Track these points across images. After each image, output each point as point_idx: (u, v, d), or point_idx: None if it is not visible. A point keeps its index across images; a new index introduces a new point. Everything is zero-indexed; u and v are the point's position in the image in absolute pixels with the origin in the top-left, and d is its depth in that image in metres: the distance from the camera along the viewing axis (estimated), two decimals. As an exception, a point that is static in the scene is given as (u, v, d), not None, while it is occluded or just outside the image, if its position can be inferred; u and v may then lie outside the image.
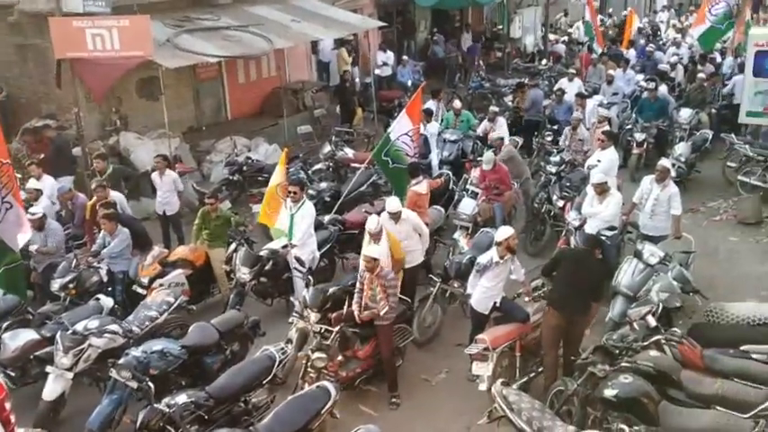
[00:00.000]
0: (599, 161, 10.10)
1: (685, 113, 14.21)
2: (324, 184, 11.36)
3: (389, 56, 19.48)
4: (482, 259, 7.48)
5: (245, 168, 12.86)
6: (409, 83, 19.65)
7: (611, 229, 8.96)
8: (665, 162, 9.20)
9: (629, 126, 14.09)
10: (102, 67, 11.61)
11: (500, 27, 23.20)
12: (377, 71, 18.92)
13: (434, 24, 23.09)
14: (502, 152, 11.31)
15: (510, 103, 16.12)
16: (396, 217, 8.26)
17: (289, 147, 15.24)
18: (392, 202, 8.38)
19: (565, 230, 9.87)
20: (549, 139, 13.38)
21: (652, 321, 6.95)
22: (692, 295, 7.92)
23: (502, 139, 11.83)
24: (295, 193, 8.71)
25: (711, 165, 13.58)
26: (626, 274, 8.24)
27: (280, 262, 8.94)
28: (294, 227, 8.75)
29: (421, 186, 9.35)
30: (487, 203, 10.28)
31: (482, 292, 7.45)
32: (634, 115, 14.36)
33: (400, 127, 9.96)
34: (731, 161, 12.76)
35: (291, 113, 16.66)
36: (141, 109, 14.66)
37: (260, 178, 12.83)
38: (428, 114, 12.93)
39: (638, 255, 8.37)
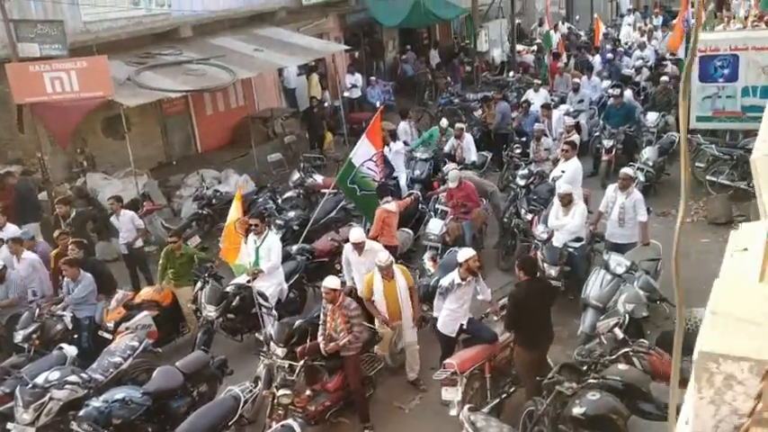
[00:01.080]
0: (563, 172, 10.08)
1: (652, 117, 14.25)
2: (292, 213, 11.28)
3: (358, 78, 19.50)
4: (444, 281, 7.41)
5: (214, 201, 12.77)
6: (378, 103, 19.79)
7: (578, 240, 8.92)
8: (627, 170, 9.19)
9: (597, 133, 14.11)
10: (62, 110, 11.53)
11: (467, 41, 23.29)
12: (345, 93, 18.93)
13: (403, 43, 23.17)
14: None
15: (479, 117, 16.12)
16: (359, 248, 8.17)
17: (260, 177, 15.46)
18: (355, 233, 8.30)
19: (533, 244, 9.84)
20: (518, 151, 13.39)
21: (619, 334, 6.88)
22: (660, 303, 7.86)
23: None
24: (256, 225, 8.62)
25: (680, 166, 13.58)
26: (594, 285, 8.19)
27: (246, 297, 8.81)
28: (260, 261, 8.65)
29: (390, 204, 9.31)
30: (456, 222, 10.22)
31: (447, 314, 7.36)
32: (601, 122, 14.40)
33: (363, 152, 9.90)
34: (699, 161, 12.77)
35: (262, 142, 16.66)
36: (108, 148, 14.57)
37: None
38: (391, 135, 12.87)
39: (605, 265, 8.32)
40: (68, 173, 13.74)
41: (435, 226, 10.02)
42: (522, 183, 11.81)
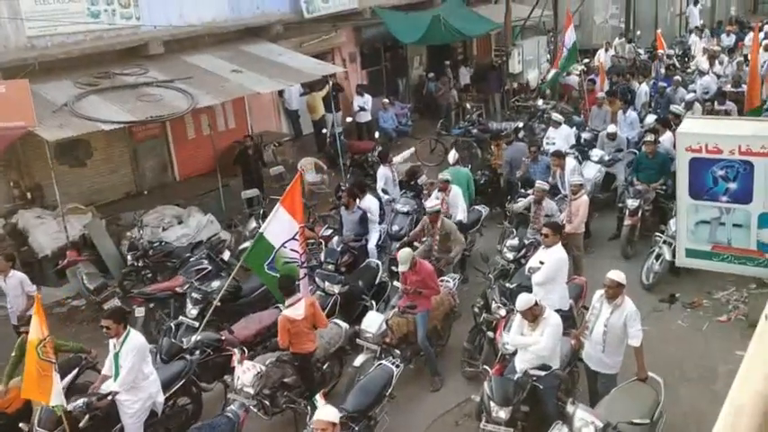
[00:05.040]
0: (541, 263, 7.66)
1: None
2: (216, 283, 9.19)
3: (367, 99, 17.33)
4: None
5: (150, 253, 10.90)
6: (392, 129, 17.61)
7: (544, 368, 6.54)
8: (615, 274, 6.71)
9: (622, 190, 11.53)
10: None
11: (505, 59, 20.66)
12: (348, 119, 16.82)
13: (432, 59, 20.83)
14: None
15: (490, 157, 13.71)
16: None
17: (233, 216, 13.54)
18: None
19: (499, 355, 7.51)
20: (521, 204, 11.00)
21: None
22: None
23: (438, 212, 9.57)
24: (108, 328, 6.62)
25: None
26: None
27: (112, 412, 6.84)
28: (119, 370, 6.66)
29: (296, 309, 7.14)
30: (401, 317, 7.96)
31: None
32: (629, 175, 11.78)
33: (282, 229, 7.72)
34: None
35: (255, 168, 14.68)
36: (63, 178, 12.90)
37: (168, 264, 10.88)
38: (362, 189, 10.70)
39: (566, 420, 5.93)
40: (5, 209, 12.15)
41: (373, 322, 7.77)
42: (510, 256, 9.52)
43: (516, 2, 22.92)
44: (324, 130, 16.21)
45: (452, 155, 12.30)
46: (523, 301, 6.60)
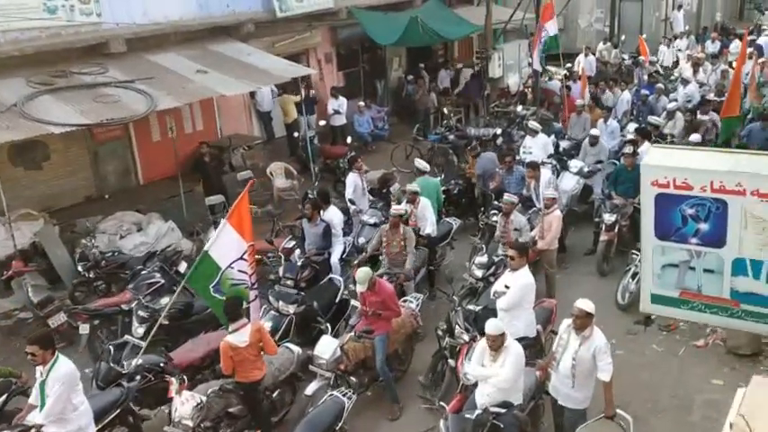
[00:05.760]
0: (507, 287, 7.16)
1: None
2: (165, 300, 8.61)
3: (342, 102, 16.80)
4: None
5: (103, 263, 10.31)
6: (368, 133, 17.09)
7: (505, 404, 6.04)
8: (583, 303, 6.21)
9: (598, 203, 11.08)
10: None
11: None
12: (322, 122, 16.27)
13: (412, 61, 20.30)
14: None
15: (464, 166, 13.21)
16: None
17: (194, 224, 12.95)
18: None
19: (461, 385, 7.01)
20: (495, 219, 10.50)
21: None
22: None
23: (400, 216, 9.12)
24: (34, 355, 6.06)
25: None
26: None
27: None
28: (46, 399, 6.11)
29: (240, 335, 6.60)
30: (358, 342, 7.44)
31: None
32: (606, 188, 11.33)
33: (229, 248, 7.14)
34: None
35: (215, 175, 14.11)
36: (17, 181, 12.30)
37: (122, 275, 10.30)
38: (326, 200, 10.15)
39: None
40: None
41: (326, 347, 7.23)
42: (478, 274, 9.03)
43: (500, 4, 22.52)
44: (296, 134, 15.64)
45: (420, 163, 11.74)
46: (493, 326, 6.09)
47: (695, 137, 12.32)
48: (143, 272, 9.52)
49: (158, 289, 9.24)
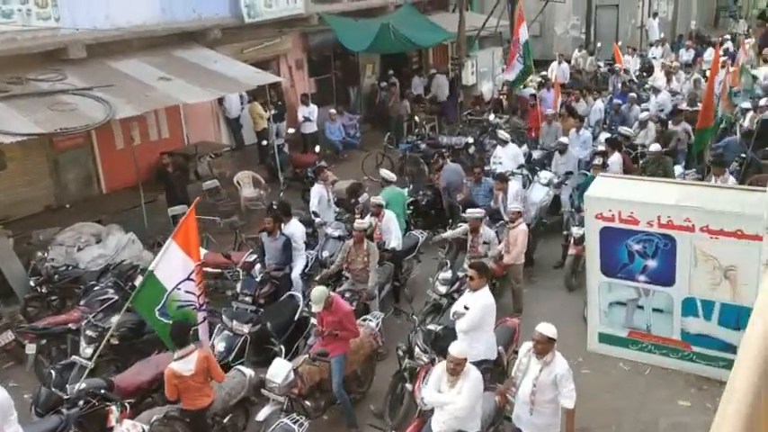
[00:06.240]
0: (466, 308, 6.91)
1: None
2: (115, 318, 8.24)
3: (312, 109, 16.52)
4: None
5: (56, 278, 9.93)
6: (339, 140, 16.82)
7: (461, 434, 5.79)
8: (545, 328, 5.97)
9: (567, 216, 10.88)
10: None
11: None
12: (291, 130, 15.96)
13: (386, 67, 20.05)
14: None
15: (434, 176, 12.95)
16: None
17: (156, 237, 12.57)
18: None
19: (418, 410, 6.74)
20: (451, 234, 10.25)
21: None
22: None
23: (364, 229, 8.87)
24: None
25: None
26: None
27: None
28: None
29: (186, 363, 6.28)
30: (311, 365, 7.14)
31: None
32: (576, 200, 11.14)
33: (175, 268, 6.82)
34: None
35: (178, 185, 13.74)
36: (-29, 189, 11.93)
37: (77, 290, 9.92)
38: (287, 213, 9.83)
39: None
40: None
41: (279, 370, 6.91)
42: (442, 290, 8.78)
43: (475, 11, 22.36)
44: (264, 142, 15.32)
45: (386, 173, 11.47)
46: (459, 349, 5.82)
47: (655, 146, 12.11)
48: (96, 288, 9.14)
49: (112, 305, 8.86)
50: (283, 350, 7.43)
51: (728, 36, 26.66)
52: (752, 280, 5.43)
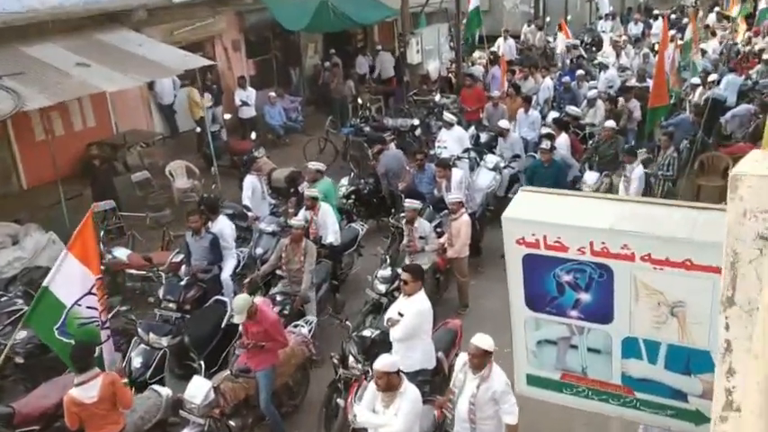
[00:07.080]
0: (401, 315, 6.34)
1: (590, 179, 10.51)
2: (24, 333, 7.45)
3: (250, 93, 15.68)
4: None
5: (-37, 286, 9.08)
6: (280, 125, 16.04)
7: (395, 460, 5.24)
8: (480, 340, 5.43)
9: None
10: None
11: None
12: (227, 115, 15.13)
13: (329, 47, 19.23)
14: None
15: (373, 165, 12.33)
16: None
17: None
18: None
19: (350, 428, 6.18)
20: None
21: None
22: None
23: (303, 227, 8.25)
24: None
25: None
26: None
27: None
28: None
29: (88, 390, 5.60)
30: (234, 382, 6.51)
31: None
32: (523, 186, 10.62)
33: (73, 282, 6.08)
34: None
35: (104, 178, 12.85)
36: None
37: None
38: (214, 210, 9.10)
39: None
40: None
41: (198, 389, 6.26)
42: (381, 289, 8.20)
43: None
44: (197, 129, 14.46)
45: (314, 164, 10.73)
46: (385, 362, 5.23)
47: (610, 123, 11.68)
48: (2, 298, 8.33)
49: (20, 318, 8.07)
50: (203, 366, 6.76)
51: (676, 7, 26.50)
52: (704, 319, 4.49)
